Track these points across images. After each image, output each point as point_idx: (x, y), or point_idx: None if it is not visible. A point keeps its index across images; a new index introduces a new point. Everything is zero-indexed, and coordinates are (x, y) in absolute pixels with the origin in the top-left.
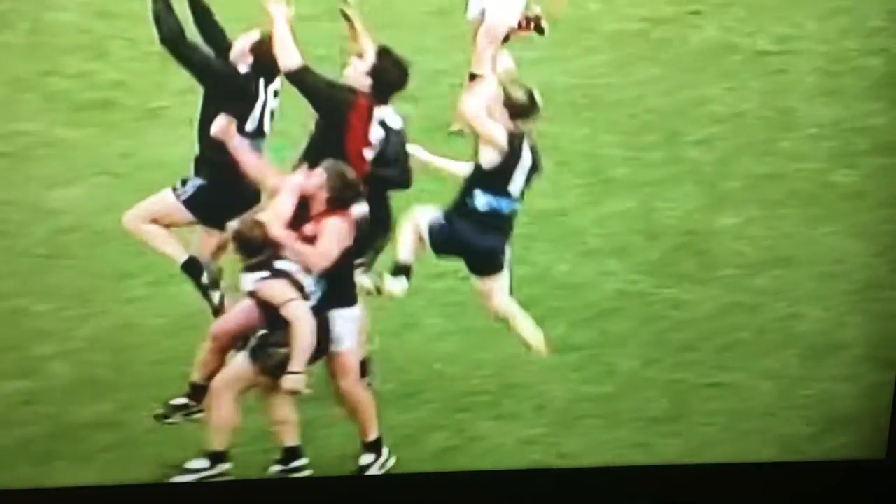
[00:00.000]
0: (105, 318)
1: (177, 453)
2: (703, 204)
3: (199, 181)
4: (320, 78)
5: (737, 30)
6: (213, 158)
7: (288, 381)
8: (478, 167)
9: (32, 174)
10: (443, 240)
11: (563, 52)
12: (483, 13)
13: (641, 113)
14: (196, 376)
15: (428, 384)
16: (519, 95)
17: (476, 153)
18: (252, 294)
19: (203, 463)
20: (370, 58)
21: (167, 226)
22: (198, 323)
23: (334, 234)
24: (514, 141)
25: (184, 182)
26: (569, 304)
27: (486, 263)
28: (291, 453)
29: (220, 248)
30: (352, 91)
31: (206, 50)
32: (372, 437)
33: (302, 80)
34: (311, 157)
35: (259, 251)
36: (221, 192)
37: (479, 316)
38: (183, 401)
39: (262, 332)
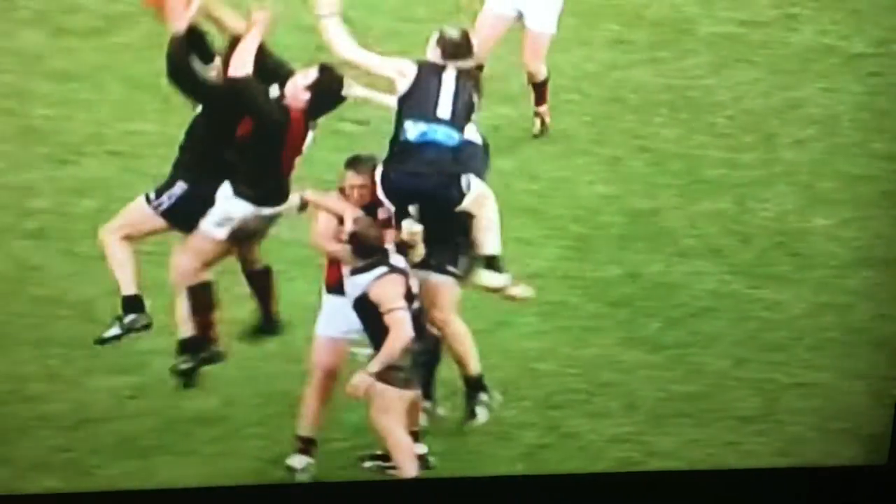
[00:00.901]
0: None
1: (280, 448)
2: (797, 205)
3: (178, 191)
4: (261, 90)
5: (833, 32)
6: (199, 163)
7: (356, 379)
8: (399, 98)
9: (145, 173)
10: (394, 187)
11: (660, 53)
12: (521, 16)
13: (738, 114)
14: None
15: (520, 382)
16: (452, 34)
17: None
18: (359, 299)
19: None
20: (312, 73)
21: (145, 234)
22: (305, 319)
23: None
24: (428, 69)
25: (158, 193)
26: (660, 304)
27: (440, 203)
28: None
29: (221, 256)
30: (286, 107)
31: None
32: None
33: (243, 89)
34: (246, 164)
35: (374, 252)
36: (203, 198)
37: (571, 314)
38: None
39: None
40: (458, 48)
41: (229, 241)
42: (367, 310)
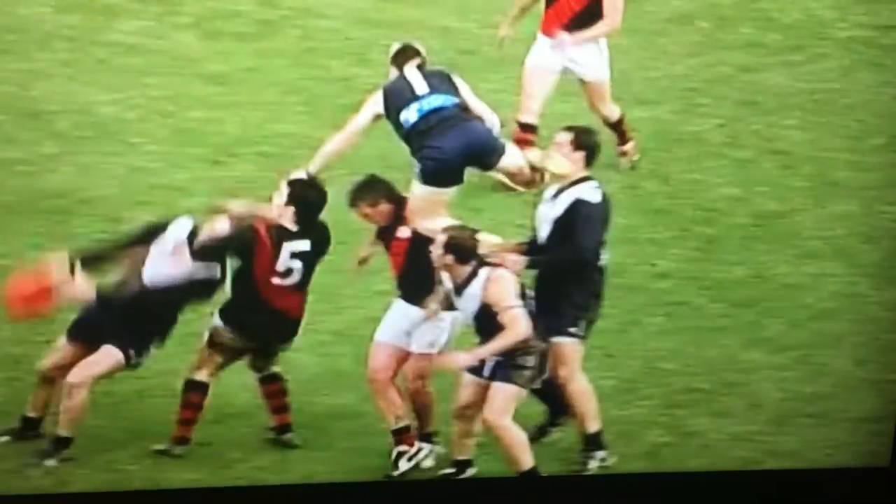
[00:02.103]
0: (351, 312)
1: None
2: None
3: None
4: (218, 241)
5: None
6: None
7: (457, 355)
8: (385, 111)
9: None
10: (436, 167)
11: (793, 57)
12: (567, 70)
13: (868, 117)
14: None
15: (646, 380)
16: (398, 46)
17: None
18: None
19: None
20: (283, 190)
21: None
22: None
23: None
24: (392, 83)
25: (139, 352)
26: (785, 305)
27: (484, 151)
28: (466, 464)
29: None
30: (253, 229)
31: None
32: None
33: (204, 249)
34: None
35: (472, 256)
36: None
37: (697, 315)
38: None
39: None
40: (407, 51)
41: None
42: (486, 316)
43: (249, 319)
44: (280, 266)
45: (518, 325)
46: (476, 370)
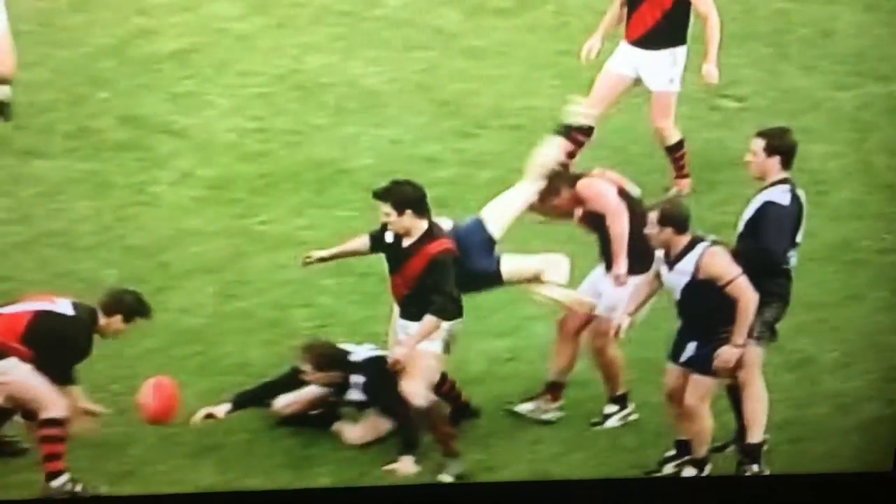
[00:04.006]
0: None
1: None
2: None
3: None
4: None
5: None
6: None
7: (726, 352)
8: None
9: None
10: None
11: None
12: (640, 80)
13: None
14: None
15: (866, 354)
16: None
17: None
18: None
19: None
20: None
21: None
22: None
23: None
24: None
25: None
26: None
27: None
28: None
29: None
30: None
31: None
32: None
33: None
34: None
35: (688, 225)
36: None
37: None
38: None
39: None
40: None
41: None
42: (702, 291)
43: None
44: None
45: (749, 291)
46: (673, 357)
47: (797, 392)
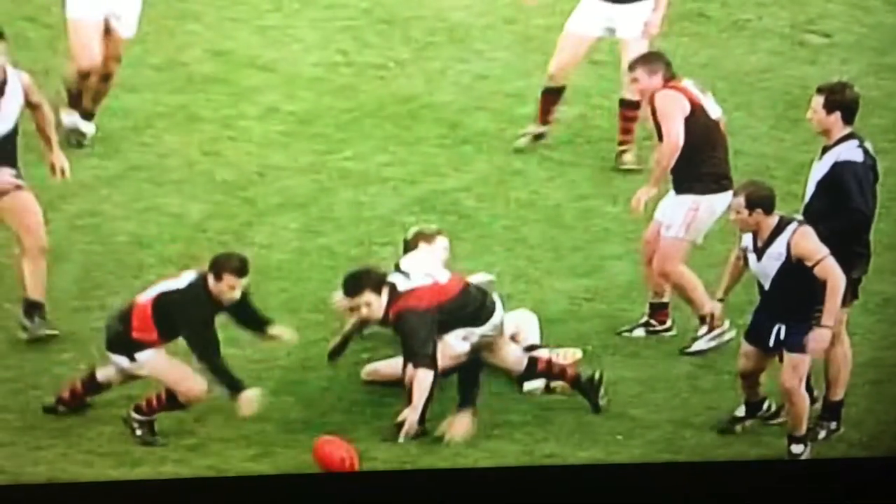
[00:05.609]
0: None
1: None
2: None
3: None
4: None
5: None
6: None
7: (819, 334)
8: None
9: (619, 81)
10: None
11: None
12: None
13: None
14: None
15: None
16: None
17: None
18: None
19: None
20: None
21: None
22: None
23: None
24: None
25: None
26: None
27: None
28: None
29: None
30: None
31: None
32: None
33: None
34: None
35: (774, 204)
36: None
37: None
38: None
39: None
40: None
41: None
42: (794, 273)
43: None
44: None
45: (837, 271)
46: (760, 342)
47: (877, 333)
